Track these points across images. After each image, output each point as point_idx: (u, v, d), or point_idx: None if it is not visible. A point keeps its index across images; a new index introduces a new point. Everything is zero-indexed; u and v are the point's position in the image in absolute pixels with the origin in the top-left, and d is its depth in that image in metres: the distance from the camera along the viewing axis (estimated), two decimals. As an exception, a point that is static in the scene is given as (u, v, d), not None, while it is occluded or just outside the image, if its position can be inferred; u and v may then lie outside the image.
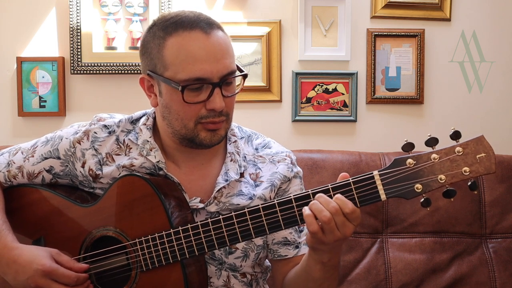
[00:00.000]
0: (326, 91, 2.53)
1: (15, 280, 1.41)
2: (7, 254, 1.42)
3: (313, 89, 2.53)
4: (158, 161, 1.50)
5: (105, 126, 1.55)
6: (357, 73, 2.52)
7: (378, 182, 1.28)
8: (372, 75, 2.52)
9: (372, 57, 2.51)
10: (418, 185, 1.26)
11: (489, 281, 2.18)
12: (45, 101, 2.48)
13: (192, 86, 1.39)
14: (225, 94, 1.42)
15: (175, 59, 1.40)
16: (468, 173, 1.24)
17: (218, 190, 1.50)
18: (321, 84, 2.53)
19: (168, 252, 1.39)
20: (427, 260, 2.19)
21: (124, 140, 1.55)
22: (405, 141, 1.28)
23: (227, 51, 1.42)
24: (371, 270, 2.18)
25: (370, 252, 2.21)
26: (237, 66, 1.48)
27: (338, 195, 1.28)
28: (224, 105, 1.42)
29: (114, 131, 1.55)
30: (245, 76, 1.48)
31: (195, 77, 1.38)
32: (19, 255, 1.41)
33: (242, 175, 1.54)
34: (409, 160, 1.26)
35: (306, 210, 1.29)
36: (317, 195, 1.29)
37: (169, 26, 1.41)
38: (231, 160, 1.54)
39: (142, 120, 1.56)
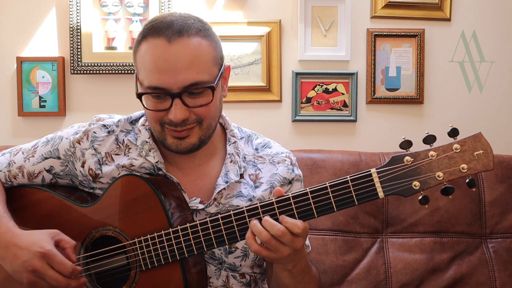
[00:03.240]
0: (326, 91, 2.53)
1: (13, 263, 1.39)
2: (8, 238, 1.42)
3: (313, 89, 2.53)
4: (157, 162, 1.50)
5: (104, 125, 1.56)
6: (357, 73, 2.52)
7: (376, 180, 1.28)
8: (372, 75, 2.52)
9: (372, 57, 2.51)
10: (416, 183, 1.26)
11: (489, 281, 2.18)
12: (45, 101, 2.48)
13: (152, 95, 1.40)
14: (191, 104, 1.39)
15: (141, 65, 1.40)
16: (466, 170, 1.24)
17: (218, 192, 1.50)
18: (321, 84, 2.53)
19: (167, 252, 1.39)
20: (427, 260, 2.19)
21: (123, 140, 1.55)
22: (403, 138, 1.28)
23: (192, 61, 1.37)
24: (371, 270, 2.18)
25: (370, 252, 2.21)
26: (221, 71, 1.43)
27: (287, 219, 1.29)
28: (187, 115, 1.39)
29: (113, 130, 1.56)
30: (212, 89, 1.40)
31: (154, 86, 1.38)
32: (19, 238, 1.41)
33: (242, 176, 1.54)
34: (407, 158, 1.27)
35: (248, 233, 1.32)
36: (265, 223, 1.30)
37: (145, 30, 1.41)
38: (231, 161, 1.54)
39: (141, 120, 1.57)
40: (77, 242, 1.47)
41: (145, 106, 1.42)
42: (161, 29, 1.38)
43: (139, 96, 1.40)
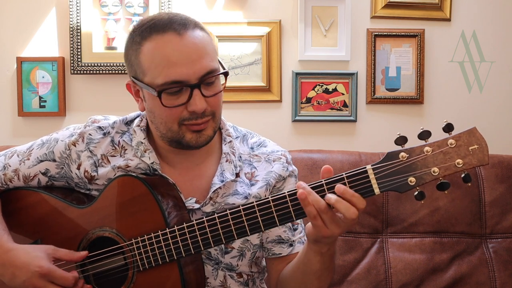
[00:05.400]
0: (326, 91, 2.53)
1: (12, 281, 1.41)
2: (3, 255, 1.42)
3: (313, 89, 2.52)
4: (152, 163, 1.50)
5: (99, 127, 1.56)
6: (357, 73, 2.52)
7: (372, 176, 1.27)
8: (372, 75, 2.52)
9: (372, 57, 2.51)
10: (412, 178, 1.25)
11: (489, 281, 2.18)
12: (45, 101, 2.48)
13: (170, 90, 1.38)
14: (206, 94, 1.40)
15: (151, 64, 1.39)
16: (461, 165, 1.23)
17: (214, 191, 1.50)
18: (321, 84, 2.52)
19: (164, 252, 1.39)
20: (427, 260, 2.19)
21: (119, 142, 1.55)
22: (398, 134, 1.28)
23: (204, 50, 1.39)
24: (371, 270, 2.18)
25: (370, 252, 2.21)
26: (220, 62, 1.45)
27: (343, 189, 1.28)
28: (206, 106, 1.40)
29: (109, 132, 1.55)
30: (226, 74, 1.44)
31: (171, 81, 1.37)
32: (15, 256, 1.41)
33: (237, 175, 1.54)
34: (402, 154, 1.26)
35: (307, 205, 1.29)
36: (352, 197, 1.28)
37: (144, 31, 1.41)
38: (226, 161, 1.53)
39: (136, 121, 1.56)
40: (73, 244, 1.47)
41: (164, 105, 1.39)
42: (165, 25, 1.39)
43: (159, 94, 1.38)
